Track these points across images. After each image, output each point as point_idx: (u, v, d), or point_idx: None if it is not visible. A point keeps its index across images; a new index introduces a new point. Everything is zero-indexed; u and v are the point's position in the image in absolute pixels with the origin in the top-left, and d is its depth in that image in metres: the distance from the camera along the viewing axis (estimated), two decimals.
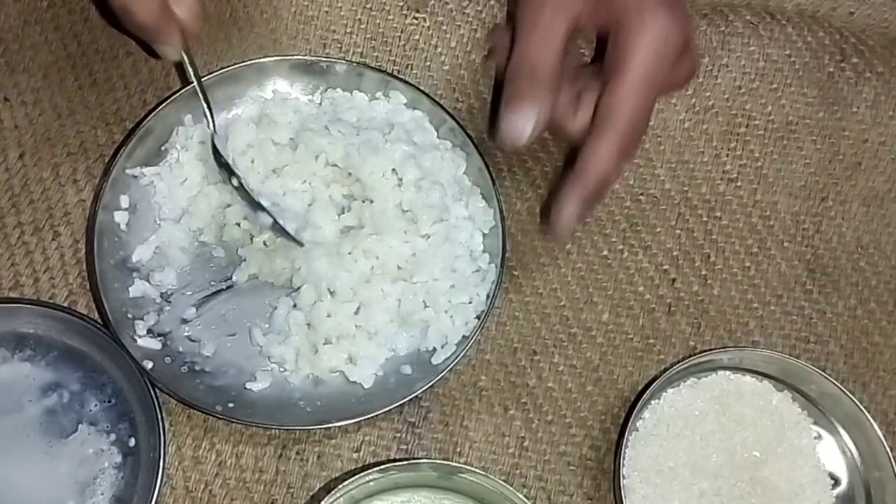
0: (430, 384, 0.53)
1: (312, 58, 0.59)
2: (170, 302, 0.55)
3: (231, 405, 0.53)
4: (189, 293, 0.56)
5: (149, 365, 0.52)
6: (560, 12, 0.50)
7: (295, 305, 0.55)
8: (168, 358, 0.54)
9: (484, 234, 0.57)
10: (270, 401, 0.54)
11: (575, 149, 0.52)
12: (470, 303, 0.55)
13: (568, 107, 0.51)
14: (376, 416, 0.53)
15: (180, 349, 0.55)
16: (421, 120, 0.58)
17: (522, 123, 0.49)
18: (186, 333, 0.55)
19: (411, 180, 0.55)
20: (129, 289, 0.55)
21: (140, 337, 0.54)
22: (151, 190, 0.57)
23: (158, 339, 0.54)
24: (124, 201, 0.56)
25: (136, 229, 0.56)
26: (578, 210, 0.51)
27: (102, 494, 0.52)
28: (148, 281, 0.55)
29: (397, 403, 0.52)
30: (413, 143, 0.57)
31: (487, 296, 0.55)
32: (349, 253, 0.54)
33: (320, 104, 0.59)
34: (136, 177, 0.57)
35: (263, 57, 0.59)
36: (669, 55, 0.50)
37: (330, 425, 0.53)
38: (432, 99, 0.58)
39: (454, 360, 0.53)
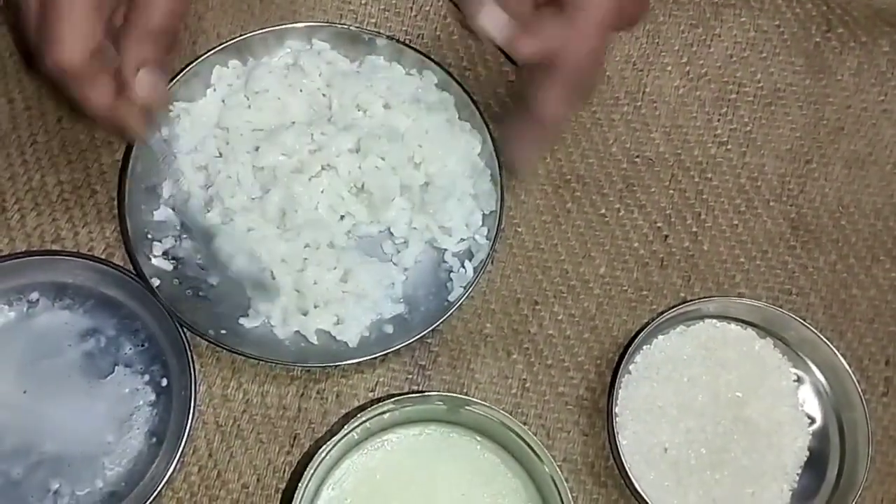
0: (437, 325, 0.55)
1: (356, 28, 0.60)
2: (189, 231, 0.57)
3: (223, 332, 0.55)
4: (207, 225, 0.57)
5: (156, 283, 0.55)
6: None
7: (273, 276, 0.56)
8: (176, 280, 0.56)
9: (484, 215, 0.59)
10: (291, 343, 0.56)
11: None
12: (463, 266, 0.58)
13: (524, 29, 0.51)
14: (388, 353, 0.55)
15: (189, 274, 0.57)
16: (447, 101, 0.60)
17: (494, 21, 0.50)
18: (198, 261, 0.57)
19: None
20: (154, 212, 0.57)
21: (155, 257, 0.56)
22: (176, 122, 0.58)
23: (171, 261, 0.57)
24: (164, 132, 0.57)
25: (168, 159, 0.57)
26: (535, 150, 0.55)
27: (138, 429, 0.55)
28: (172, 209, 0.58)
29: (407, 342, 0.55)
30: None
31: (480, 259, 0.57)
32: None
33: (360, 65, 0.60)
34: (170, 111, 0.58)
35: (312, 21, 0.60)
36: None
37: (348, 362, 0.55)
38: (461, 84, 0.59)
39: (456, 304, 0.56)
